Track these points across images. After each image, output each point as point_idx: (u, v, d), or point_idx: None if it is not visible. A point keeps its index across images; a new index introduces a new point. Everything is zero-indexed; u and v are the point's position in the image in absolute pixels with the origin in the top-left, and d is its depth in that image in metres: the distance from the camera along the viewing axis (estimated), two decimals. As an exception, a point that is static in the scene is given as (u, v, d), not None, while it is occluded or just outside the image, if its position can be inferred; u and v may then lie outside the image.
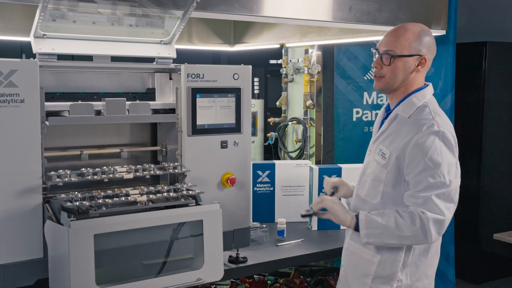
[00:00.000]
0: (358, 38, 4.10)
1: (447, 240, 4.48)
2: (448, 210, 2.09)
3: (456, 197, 2.13)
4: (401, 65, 2.21)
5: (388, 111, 2.34)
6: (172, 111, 2.51)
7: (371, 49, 2.32)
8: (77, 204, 2.10)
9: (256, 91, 4.85)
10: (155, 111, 2.50)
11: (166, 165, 2.48)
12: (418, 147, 2.10)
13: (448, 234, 4.38)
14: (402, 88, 2.25)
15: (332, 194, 2.49)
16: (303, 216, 2.39)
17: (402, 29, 2.22)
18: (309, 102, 4.38)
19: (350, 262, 2.34)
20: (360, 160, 2.45)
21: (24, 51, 4.86)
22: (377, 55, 2.26)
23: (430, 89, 2.29)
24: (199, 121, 2.50)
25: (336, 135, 4.53)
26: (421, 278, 2.25)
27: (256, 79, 4.86)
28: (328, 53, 4.54)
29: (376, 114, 4.62)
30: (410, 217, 2.08)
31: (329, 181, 2.53)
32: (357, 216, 2.20)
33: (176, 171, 2.45)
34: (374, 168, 2.24)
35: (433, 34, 4.10)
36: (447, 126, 2.17)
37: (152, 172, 2.39)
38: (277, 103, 4.65)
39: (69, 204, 2.10)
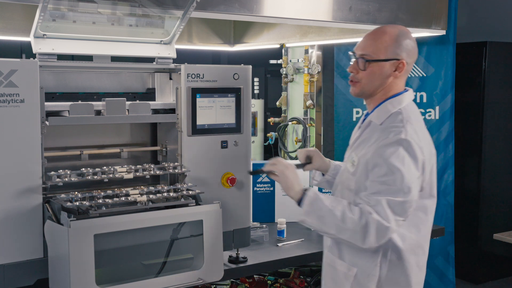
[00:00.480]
0: (358, 38, 4.09)
1: (447, 240, 4.48)
2: (395, 222, 1.93)
3: (409, 212, 1.96)
4: (377, 70, 2.07)
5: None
6: (172, 111, 2.51)
7: (349, 52, 2.20)
8: (77, 204, 2.10)
9: (256, 91, 4.85)
10: (155, 111, 2.50)
11: (166, 165, 2.48)
12: (380, 152, 1.97)
13: (448, 234, 4.39)
14: (380, 94, 2.11)
15: (305, 165, 2.38)
16: (250, 173, 2.32)
17: (379, 32, 2.09)
18: (309, 102, 4.38)
19: (328, 277, 2.21)
20: (360, 160, 2.47)
21: (24, 51, 4.87)
22: (353, 59, 2.13)
23: (408, 95, 2.13)
24: (199, 121, 2.50)
25: (336, 135, 4.53)
26: None
27: (256, 79, 4.86)
28: (328, 53, 4.54)
29: (376, 114, 4.62)
30: (359, 212, 1.94)
31: (304, 150, 2.42)
32: (305, 191, 2.05)
33: (176, 171, 2.45)
34: (345, 177, 2.14)
35: (433, 34, 4.10)
36: (417, 136, 2.00)
37: (152, 172, 2.39)
38: (277, 103, 4.65)
39: (69, 204, 2.10)
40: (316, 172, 2.44)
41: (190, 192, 2.37)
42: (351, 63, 2.14)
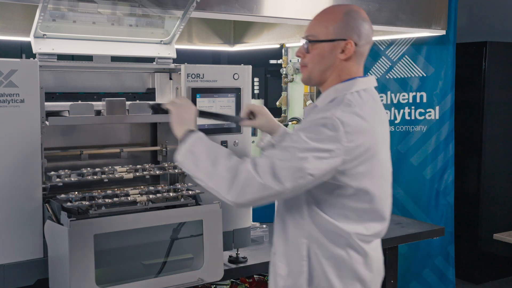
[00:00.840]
0: (358, 38, 4.10)
1: (447, 240, 4.48)
2: (274, 183, 1.71)
3: (297, 183, 1.73)
4: (322, 51, 1.87)
5: None
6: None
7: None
8: (77, 204, 2.10)
9: (256, 91, 4.84)
10: (155, 111, 2.49)
11: (166, 165, 2.48)
12: (297, 127, 1.82)
13: (448, 234, 4.39)
14: (330, 80, 1.91)
15: (239, 119, 2.30)
16: (149, 106, 2.24)
17: (326, 11, 1.90)
18: (309, 102, 4.38)
19: (271, 277, 2.03)
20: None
21: (24, 51, 4.86)
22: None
23: (363, 81, 1.91)
24: (199, 121, 2.49)
25: (336, 135, 4.52)
26: None
27: (256, 79, 4.85)
28: (328, 53, 4.54)
29: (376, 114, 4.62)
30: (236, 161, 1.79)
31: (250, 105, 2.29)
32: (191, 132, 1.92)
33: (176, 171, 2.45)
34: None
35: (433, 34, 4.10)
36: (352, 121, 1.76)
37: (152, 172, 2.39)
38: (277, 103, 4.64)
39: (69, 204, 2.10)
40: (268, 135, 2.27)
41: (190, 192, 2.37)
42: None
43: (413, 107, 4.56)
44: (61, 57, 2.38)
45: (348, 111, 1.79)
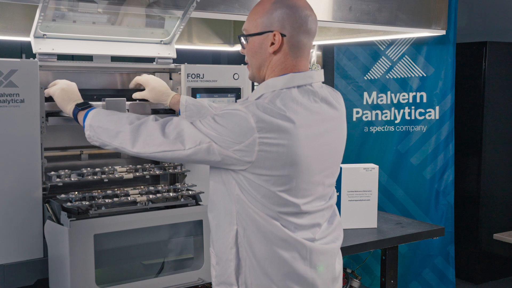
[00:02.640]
0: (358, 38, 4.11)
1: (447, 240, 4.48)
2: (170, 145, 1.74)
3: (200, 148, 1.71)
4: (253, 46, 1.80)
5: None
6: (172, 111, 2.51)
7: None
8: (77, 204, 2.10)
9: (256, 91, 4.85)
10: (155, 111, 2.49)
11: (166, 165, 2.48)
12: None
13: (448, 234, 4.39)
14: (267, 76, 1.81)
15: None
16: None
17: (257, 3, 1.81)
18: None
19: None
20: (360, 160, 2.46)
21: (24, 51, 4.86)
22: None
23: (291, 78, 1.76)
24: (199, 121, 2.50)
25: (336, 135, 4.52)
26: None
27: (256, 79, 4.86)
28: (328, 53, 4.54)
29: (376, 114, 4.62)
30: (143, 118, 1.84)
31: (138, 76, 2.36)
32: (80, 105, 2.05)
33: (176, 171, 2.45)
34: None
35: (433, 34, 4.09)
36: (261, 113, 1.65)
37: (152, 172, 2.39)
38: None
39: (69, 204, 2.10)
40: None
41: (190, 192, 2.37)
42: None
43: (413, 107, 4.56)
44: (61, 57, 2.38)
45: (262, 107, 1.67)
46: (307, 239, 1.79)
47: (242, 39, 1.83)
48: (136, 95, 2.35)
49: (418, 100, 4.53)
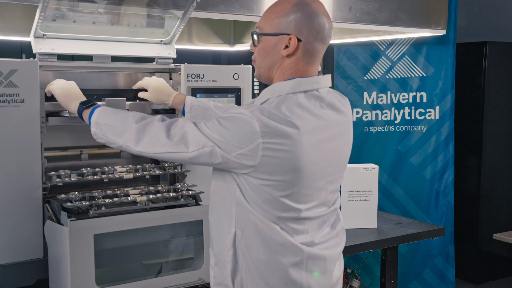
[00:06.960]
0: (358, 38, 4.11)
1: (447, 240, 4.48)
2: (172, 145, 1.73)
3: (190, 148, 1.71)
4: (265, 46, 1.76)
5: None
6: (172, 111, 2.51)
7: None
8: (77, 204, 2.10)
9: (256, 91, 4.85)
10: (155, 111, 2.50)
11: (166, 165, 2.48)
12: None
13: (448, 234, 4.39)
14: (275, 78, 1.79)
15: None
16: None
17: (276, 2, 1.76)
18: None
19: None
20: (360, 160, 2.46)
21: (24, 51, 4.85)
22: None
23: (297, 83, 1.74)
24: (199, 121, 2.50)
25: (336, 135, 4.53)
26: None
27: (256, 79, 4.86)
28: (328, 53, 4.53)
29: (376, 114, 4.63)
30: (149, 116, 1.85)
31: (141, 81, 2.41)
32: (84, 103, 2.05)
33: (176, 171, 2.45)
34: None
35: (433, 34, 4.09)
36: (266, 119, 1.64)
37: (152, 172, 2.39)
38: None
39: (69, 204, 2.10)
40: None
41: (190, 192, 2.37)
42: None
43: (413, 107, 4.56)
44: (61, 57, 2.38)
45: (267, 112, 1.65)
46: (306, 243, 1.77)
47: (255, 36, 1.79)
48: (140, 95, 2.39)
49: (418, 100, 4.53)
